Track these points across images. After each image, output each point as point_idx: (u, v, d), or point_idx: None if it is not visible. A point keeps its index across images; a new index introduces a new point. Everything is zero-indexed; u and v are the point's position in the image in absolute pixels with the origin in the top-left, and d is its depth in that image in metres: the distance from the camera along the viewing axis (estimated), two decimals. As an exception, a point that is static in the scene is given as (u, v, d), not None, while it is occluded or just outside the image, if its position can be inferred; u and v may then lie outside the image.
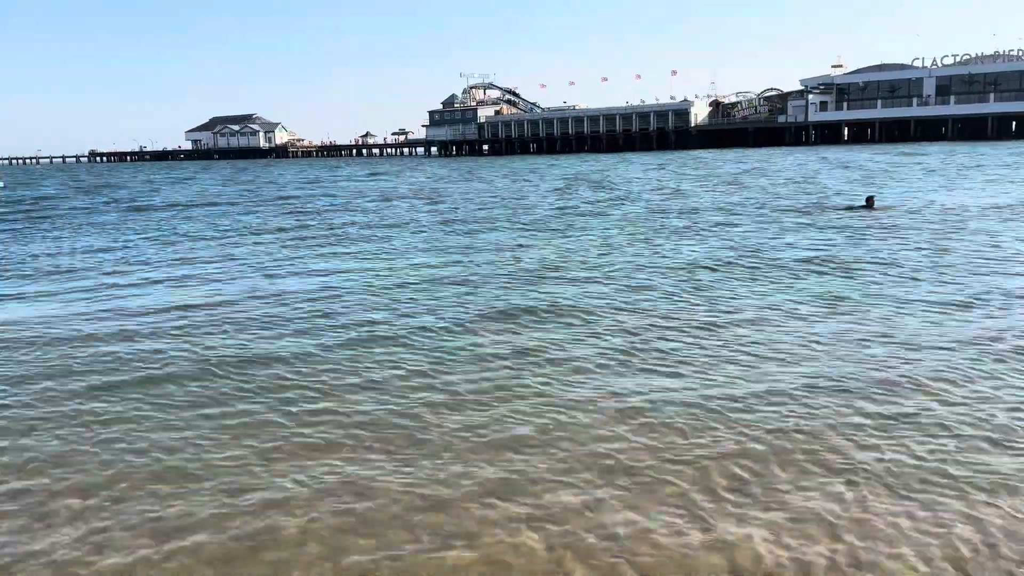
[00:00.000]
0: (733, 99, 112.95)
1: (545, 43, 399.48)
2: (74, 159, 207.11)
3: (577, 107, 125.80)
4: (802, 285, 13.12)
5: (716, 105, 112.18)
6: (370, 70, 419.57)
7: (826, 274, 14.03)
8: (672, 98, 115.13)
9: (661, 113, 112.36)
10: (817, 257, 15.76)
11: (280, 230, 25.15)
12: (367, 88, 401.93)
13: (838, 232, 19.51)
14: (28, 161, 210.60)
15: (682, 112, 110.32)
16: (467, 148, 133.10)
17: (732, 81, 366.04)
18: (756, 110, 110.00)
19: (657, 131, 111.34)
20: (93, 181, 75.03)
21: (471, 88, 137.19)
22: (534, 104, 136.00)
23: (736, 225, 21.97)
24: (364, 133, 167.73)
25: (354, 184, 54.12)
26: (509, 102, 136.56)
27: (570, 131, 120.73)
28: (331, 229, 24.93)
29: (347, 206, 34.76)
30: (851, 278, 13.51)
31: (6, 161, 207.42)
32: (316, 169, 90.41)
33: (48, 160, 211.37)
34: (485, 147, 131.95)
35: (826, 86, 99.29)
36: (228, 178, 71.43)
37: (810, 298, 12.06)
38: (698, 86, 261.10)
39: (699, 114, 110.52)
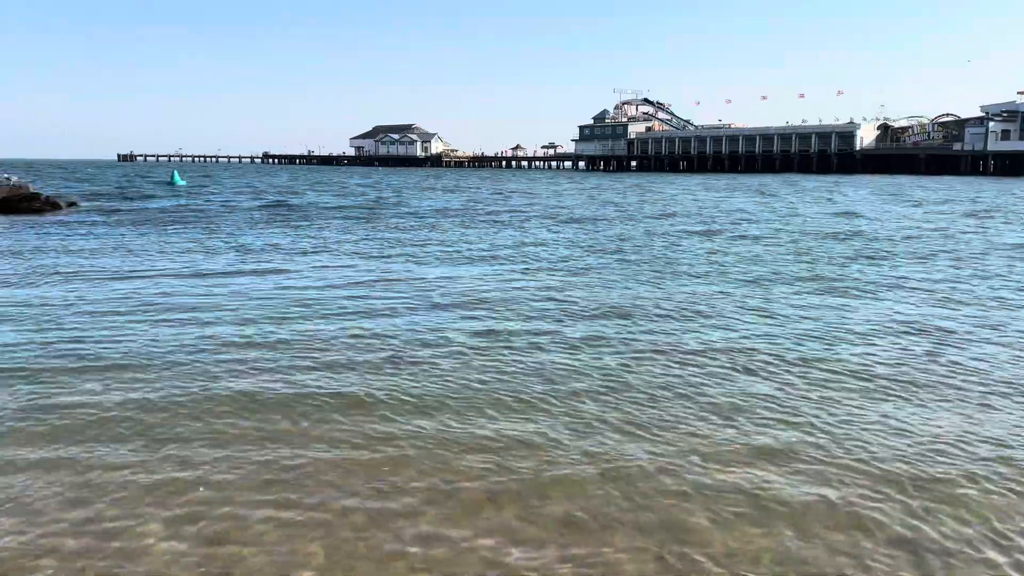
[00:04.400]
0: (904, 123, 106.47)
1: (701, 60, 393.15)
2: (249, 159, 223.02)
3: (732, 126, 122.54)
4: None
5: (885, 128, 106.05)
6: (521, 86, 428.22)
7: None
8: (836, 119, 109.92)
9: (823, 135, 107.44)
10: None
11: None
12: (518, 102, 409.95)
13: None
14: (208, 160, 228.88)
15: (847, 135, 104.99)
16: (615, 164, 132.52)
17: (903, 104, 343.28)
18: (928, 136, 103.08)
19: (819, 153, 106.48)
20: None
21: (623, 103, 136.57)
22: (687, 121, 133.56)
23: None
24: (515, 145, 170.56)
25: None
26: (661, 119, 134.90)
27: (723, 150, 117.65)
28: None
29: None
30: None
31: (190, 159, 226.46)
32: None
33: (227, 160, 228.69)
34: (633, 163, 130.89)
35: (1010, 113, 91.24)
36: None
37: None
38: (865, 108, 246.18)
39: (865, 137, 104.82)
